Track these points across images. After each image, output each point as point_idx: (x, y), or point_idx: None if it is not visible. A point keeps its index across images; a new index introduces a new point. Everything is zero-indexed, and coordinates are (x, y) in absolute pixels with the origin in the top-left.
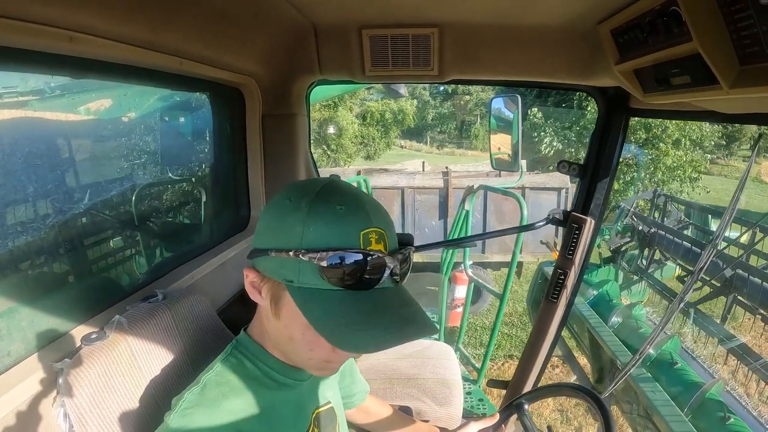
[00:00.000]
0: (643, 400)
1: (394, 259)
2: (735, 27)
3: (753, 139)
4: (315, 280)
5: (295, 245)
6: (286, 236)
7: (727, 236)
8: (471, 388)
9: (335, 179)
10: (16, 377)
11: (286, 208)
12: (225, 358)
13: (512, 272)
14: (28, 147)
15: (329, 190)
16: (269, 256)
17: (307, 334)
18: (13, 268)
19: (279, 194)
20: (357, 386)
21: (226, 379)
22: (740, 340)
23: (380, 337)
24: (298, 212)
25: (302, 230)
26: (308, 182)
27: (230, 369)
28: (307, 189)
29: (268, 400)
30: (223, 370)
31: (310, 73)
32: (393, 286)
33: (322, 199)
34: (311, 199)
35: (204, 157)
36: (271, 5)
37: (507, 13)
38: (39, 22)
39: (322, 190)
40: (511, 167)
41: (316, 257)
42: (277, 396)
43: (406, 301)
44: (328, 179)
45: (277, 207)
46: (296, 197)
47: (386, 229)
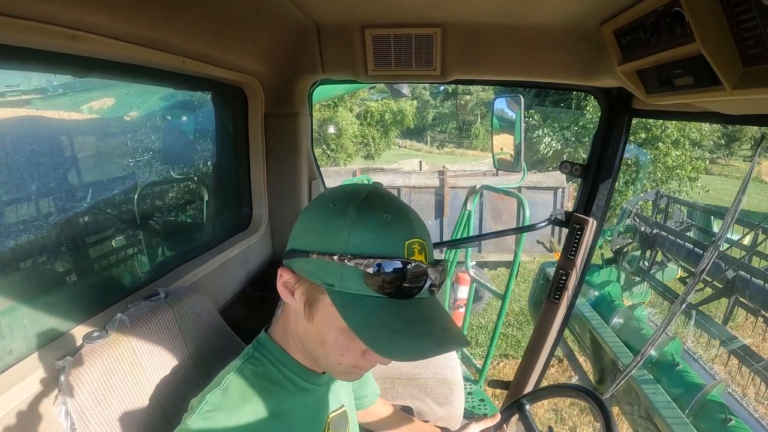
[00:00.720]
0: (644, 402)
1: (435, 270)
2: (738, 28)
3: (754, 139)
4: (357, 285)
5: (340, 249)
6: (331, 240)
7: (729, 237)
8: (472, 388)
9: (378, 187)
10: (18, 375)
11: (331, 211)
12: (246, 360)
13: (514, 272)
14: (30, 146)
15: (375, 198)
16: (309, 258)
17: (340, 338)
18: (15, 266)
19: (321, 197)
20: (368, 389)
21: (248, 381)
22: (742, 341)
23: (420, 345)
24: (345, 217)
25: (348, 235)
26: (353, 187)
27: (251, 371)
28: (352, 194)
29: (287, 404)
30: (245, 371)
31: (313, 73)
32: (429, 296)
33: (368, 205)
34: (358, 204)
35: (206, 156)
36: (274, 4)
37: (510, 13)
38: (42, 20)
39: (369, 196)
40: (513, 167)
41: (363, 263)
42: (296, 400)
43: (440, 313)
44: (372, 186)
45: (321, 209)
46: (342, 201)
47: (427, 241)
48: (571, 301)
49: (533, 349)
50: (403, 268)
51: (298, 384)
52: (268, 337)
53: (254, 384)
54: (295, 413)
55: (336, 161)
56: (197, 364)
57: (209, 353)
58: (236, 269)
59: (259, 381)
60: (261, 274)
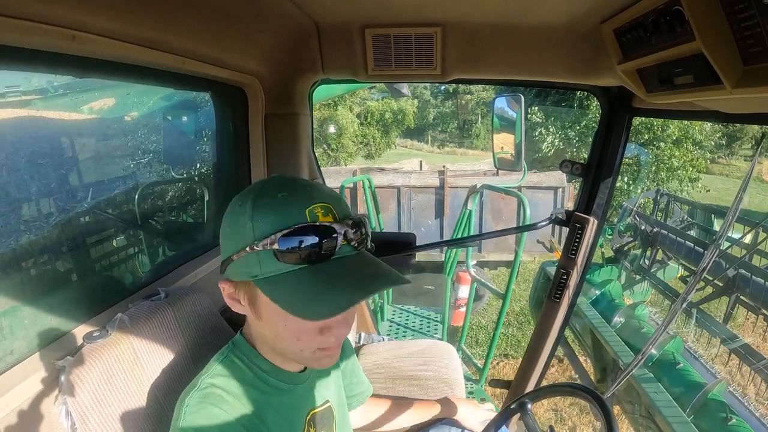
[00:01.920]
0: (645, 401)
1: (343, 226)
2: (738, 26)
3: (755, 138)
4: (275, 266)
5: (249, 241)
6: (240, 236)
7: (730, 236)
8: (473, 387)
9: (280, 175)
10: (19, 375)
11: (236, 211)
12: (221, 360)
13: (515, 272)
14: (31, 146)
15: (271, 184)
16: (233, 261)
17: (289, 323)
18: (16, 266)
19: (231, 202)
20: (358, 387)
21: (223, 383)
22: (743, 340)
23: (346, 296)
24: (245, 210)
25: (251, 225)
26: (254, 184)
27: (225, 372)
28: (251, 189)
29: (262, 404)
30: (219, 373)
31: (313, 73)
32: (354, 253)
33: (264, 192)
34: (255, 195)
35: (207, 156)
36: (274, 5)
37: (510, 12)
38: (42, 21)
39: (265, 185)
40: (514, 167)
41: (268, 243)
42: (271, 400)
43: (368, 263)
44: (271, 176)
45: (229, 214)
46: (243, 199)
47: (333, 203)
48: (572, 301)
49: (534, 348)
50: (305, 232)
51: (271, 384)
52: (242, 338)
53: (228, 385)
54: (271, 413)
55: (337, 161)
56: (198, 364)
57: (210, 353)
58: None
59: (232, 382)
60: None
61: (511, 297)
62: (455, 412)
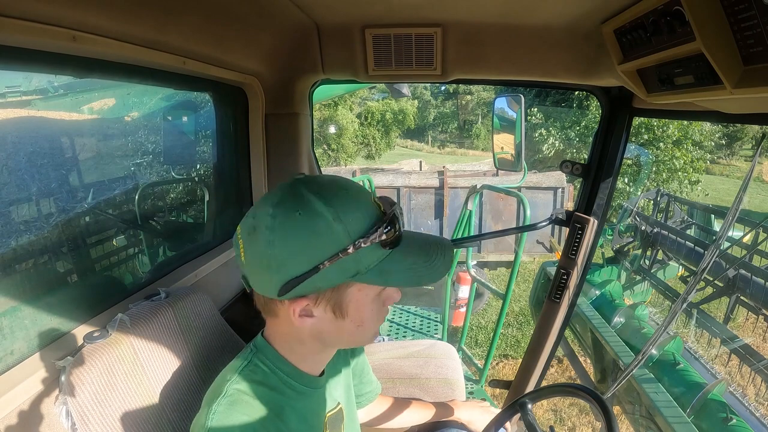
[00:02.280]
0: (645, 401)
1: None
2: (739, 27)
3: (755, 138)
4: (377, 255)
5: (347, 242)
6: (330, 242)
7: (730, 236)
8: (474, 387)
9: (301, 176)
10: (19, 376)
11: (305, 220)
12: (245, 365)
13: (515, 272)
14: (31, 146)
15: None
16: (321, 271)
17: (374, 308)
18: (16, 266)
19: (272, 218)
20: (368, 386)
21: (248, 389)
22: (743, 340)
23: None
24: (323, 215)
25: (342, 226)
26: (287, 192)
27: (251, 378)
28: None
29: (287, 409)
30: (244, 378)
31: (314, 73)
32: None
33: (327, 194)
34: (320, 200)
35: (207, 156)
36: (274, 5)
37: (510, 12)
38: (42, 21)
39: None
40: (514, 167)
41: (376, 236)
42: (295, 404)
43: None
44: (296, 180)
45: (292, 227)
46: (303, 207)
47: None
48: (572, 301)
49: (534, 348)
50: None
51: (296, 389)
52: (266, 341)
53: (255, 391)
54: (295, 418)
55: (337, 161)
56: (198, 364)
57: (210, 353)
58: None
59: (259, 388)
60: None
61: (511, 297)
62: (462, 415)
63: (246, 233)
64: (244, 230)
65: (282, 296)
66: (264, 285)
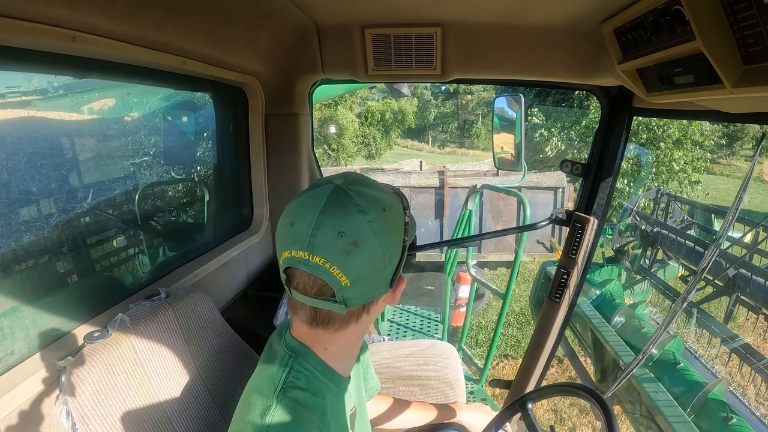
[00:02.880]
0: (645, 400)
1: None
2: (738, 26)
3: (755, 138)
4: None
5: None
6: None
7: (730, 236)
8: (474, 387)
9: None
10: (19, 375)
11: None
12: (288, 372)
13: (515, 272)
14: (32, 147)
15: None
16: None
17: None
18: (17, 267)
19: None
20: (370, 382)
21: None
22: (743, 340)
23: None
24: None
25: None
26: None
27: (294, 384)
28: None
29: (329, 411)
30: (292, 386)
31: (313, 73)
32: None
33: (371, 184)
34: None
35: (207, 156)
36: (274, 5)
37: (510, 12)
38: (43, 21)
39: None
40: (514, 167)
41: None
42: (332, 406)
43: None
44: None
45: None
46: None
47: None
48: (573, 301)
49: (534, 348)
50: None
51: (333, 391)
52: (302, 344)
53: (303, 400)
54: (334, 420)
55: (337, 161)
56: (198, 364)
57: (210, 352)
58: (237, 269)
59: (304, 395)
60: (262, 275)
61: (511, 297)
62: (463, 418)
63: (344, 255)
64: (339, 254)
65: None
66: (375, 287)
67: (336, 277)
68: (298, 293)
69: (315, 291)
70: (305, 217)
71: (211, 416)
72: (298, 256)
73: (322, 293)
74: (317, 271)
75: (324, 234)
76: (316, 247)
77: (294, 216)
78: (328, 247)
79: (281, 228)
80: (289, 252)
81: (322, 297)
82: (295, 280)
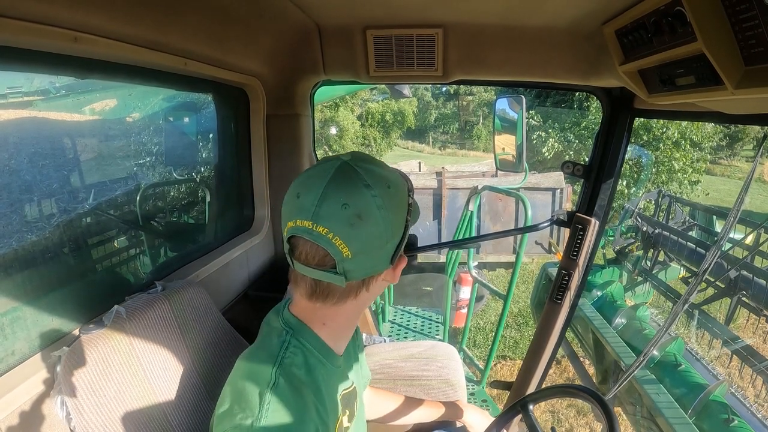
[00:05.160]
0: (646, 402)
1: None
2: (740, 27)
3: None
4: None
5: (408, 198)
6: (409, 211)
7: (731, 237)
8: (475, 389)
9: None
10: (20, 375)
11: (395, 192)
12: (286, 348)
13: (516, 273)
14: (33, 147)
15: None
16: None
17: (386, 276)
18: (18, 267)
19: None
20: (364, 370)
21: (293, 372)
22: (745, 341)
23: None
24: (404, 187)
25: (405, 186)
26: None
27: (292, 361)
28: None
29: (323, 387)
30: (291, 363)
31: (315, 74)
32: None
33: (377, 164)
34: (382, 169)
35: (208, 157)
36: (275, 6)
37: (511, 13)
38: (44, 22)
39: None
40: (515, 168)
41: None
42: (327, 382)
43: None
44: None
45: (390, 200)
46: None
47: None
48: (574, 302)
49: (535, 349)
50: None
51: (327, 367)
52: (299, 321)
53: (301, 376)
54: (327, 395)
55: None
56: (193, 355)
57: (206, 344)
58: (238, 270)
59: (302, 371)
60: (263, 275)
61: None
62: (466, 417)
63: (347, 226)
64: (342, 225)
65: (392, 263)
66: (376, 262)
67: (338, 247)
68: (300, 264)
69: (317, 261)
70: (312, 189)
71: (206, 406)
72: (302, 225)
73: (323, 264)
74: (320, 240)
75: (329, 205)
76: (321, 217)
77: (301, 188)
78: (332, 218)
79: (288, 200)
80: (294, 221)
81: (323, 268)
82: (298, 250)
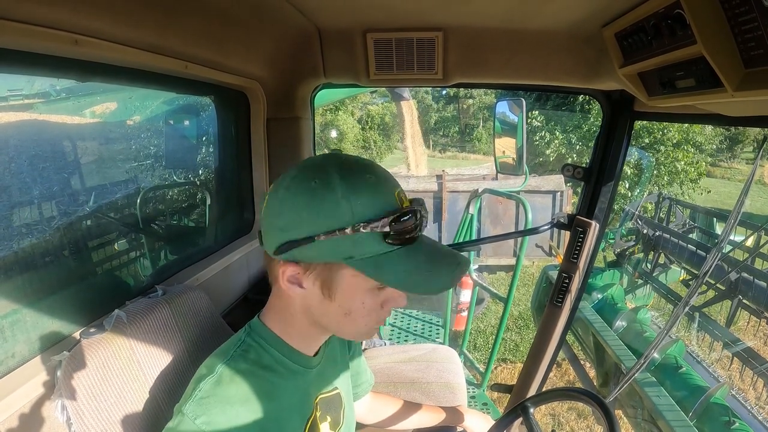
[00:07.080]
0: (647, 405)
1: (423, 209)
2: (739, 30)
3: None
4: (376, 247)
5: (348, 222)
6: (331, 217)
7: (732, 239)
8: (475, 392)
9: (337, 153)
10: (20, 378)
11: (316, 190)
12: (238, 346)
13: (517, 276)
14: (33, 150)
15: (350, 164)
16: (316, 241)
17: (366, 302)
18: (18, 268)
19: (288, 182)
20: (362, 377)
21: (240, 367)
22: (746, 343)
23: (448, 274)
24: (335, 190)
25: (349, 206)
26: (315, 161)
27: (243, 357)
28: (323, 167)
29: (280, 388)
30: (237, 358)
31: (315, 77)
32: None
33: (350, 173)
34: (339, 176)
35: (208, 160)
36: (276, 9)
37: (511, 16)
38: (45, 25)
39: (343, 164)
40: (515, 171)
41: (378, 226)
42: (288, 383)
43: (434, 241)
44: (331, 154)
45: (302, 193)
46: (320, 178)
47: (402, 188)
48: (574, 305)
49: (536, 352)
50: (411, 216)
51: (289, 367)
52: (261, 323)
53: (246, 370)
54: (287, 396)
55: None
56: (194, 360)
57: (207, 349)
58: (238, 273)
59: (251, 367)
60: (263, 279)
61: None
62: (467, 422)
63: (273, 187)
64: (273, 184)
65: (277, 255)
66: (268, 240)
67: (264, 200)
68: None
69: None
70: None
71: None
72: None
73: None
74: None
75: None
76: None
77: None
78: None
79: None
80: None
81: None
82: None
